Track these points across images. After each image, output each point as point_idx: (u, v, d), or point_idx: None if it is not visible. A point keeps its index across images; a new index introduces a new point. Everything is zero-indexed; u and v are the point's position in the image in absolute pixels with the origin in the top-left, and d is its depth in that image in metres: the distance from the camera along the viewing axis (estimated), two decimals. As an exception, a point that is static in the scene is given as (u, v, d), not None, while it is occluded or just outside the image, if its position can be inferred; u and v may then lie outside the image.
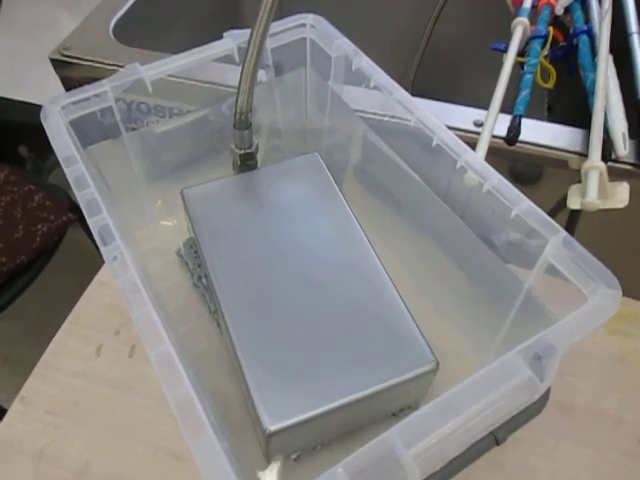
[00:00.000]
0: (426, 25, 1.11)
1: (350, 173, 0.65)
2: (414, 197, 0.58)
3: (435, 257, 0.58)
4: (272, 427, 0.42)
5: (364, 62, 0.55)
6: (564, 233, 0.41)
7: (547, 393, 0.42)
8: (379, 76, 0.53)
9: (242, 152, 0.57)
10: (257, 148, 0.58)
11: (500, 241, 0.47)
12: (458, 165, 0.47)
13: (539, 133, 0.69)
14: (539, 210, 0.42)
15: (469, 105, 0.73)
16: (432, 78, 1.15)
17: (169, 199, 0.57)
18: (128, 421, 0.58)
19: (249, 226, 0.53)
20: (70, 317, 0.66)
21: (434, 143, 0.49)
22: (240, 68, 0.52)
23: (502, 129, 0.68)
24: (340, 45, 0.57)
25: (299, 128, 0.66)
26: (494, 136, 0.67)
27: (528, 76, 0.73)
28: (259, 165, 0.59)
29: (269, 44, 0.58)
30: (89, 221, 0.44)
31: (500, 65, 0.73)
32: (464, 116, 0.71)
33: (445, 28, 1.12)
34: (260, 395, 0.43)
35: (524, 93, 0.71)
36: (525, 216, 0.42)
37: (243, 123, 0.56)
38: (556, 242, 0.40)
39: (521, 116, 0.68)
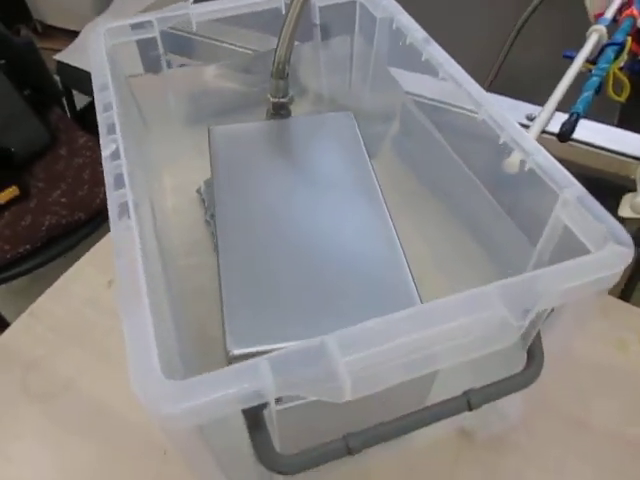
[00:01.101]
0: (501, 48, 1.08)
1: (387, 144, 0.63)
2: (449, 174, 0.55)
3: (459, 236, 0.55)
4: (235, 350, 0.40)
5: (434, 50, 0.51)
6: (579, 188, 0.37)
7: (538, 367, 0.37)
8: (447, 65, 0.50)
9: (276, 100, 0.57)
10: (292, 99, 0.58)
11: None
12: (501, 141, 0.43)
13: (597, 135, 0.64)
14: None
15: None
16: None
17: (202, 141, 0.58)
18: (121, 350, 0.58)
19: (266, 169, 0.53)
20: (93, 249, 0.68)
21: (480, 118, 0.46)
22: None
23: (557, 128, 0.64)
24: (386, 7, 0.56)
25: (342, 95, 0.65)
26: (545, 131, 0.63)
27: (595, 79, 0.68)
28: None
29: (318, 1, 0.58)
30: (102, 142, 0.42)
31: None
32: (517, 110, 0.67)
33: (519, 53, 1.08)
34: (231, 317, 0.41)
35: (587, 94, 0.66)
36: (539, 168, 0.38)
37: (280, 72, 0.56)
38: (570, 196, 0.36)
39: (579, 114, 0.64)
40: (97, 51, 0.51)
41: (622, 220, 0.62)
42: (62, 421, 0.54)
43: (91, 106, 1.45)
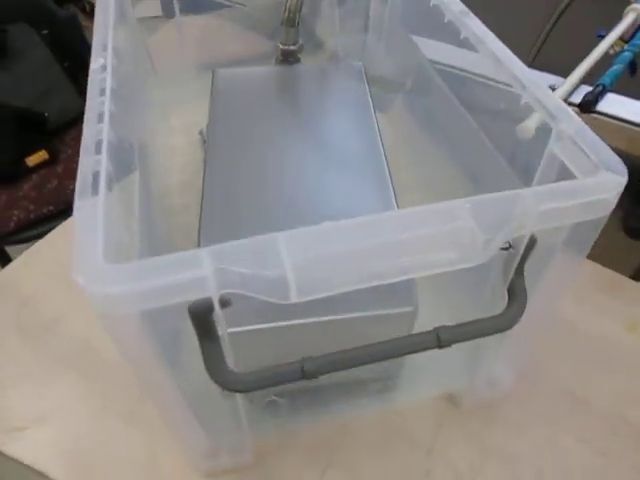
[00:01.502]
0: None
1: (399, 101, 0.62)
2: (458, 131, 0.53)
3: (461, 186, 0.52)
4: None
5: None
6: (576, 120, 0.34)
7: (519, 308, 0.34)
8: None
9: (285, 48, 0.56)
10: (301, 48, 0.57)
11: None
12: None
13: (625, 108, 0.60)
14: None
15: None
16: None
17: (210, 86, 0.58)
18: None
19: (265, 112, 0.52)
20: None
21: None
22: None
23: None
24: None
25: (356, 52, 0.64)
26: (566, 101, 0.60)
27: (626, 54, 0.65)
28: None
29: (334, -48, 0.57)
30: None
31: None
32: (541, 79, 0.64)
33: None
34: (206, 232, 0.41)
35: (616, 67, 0.63)
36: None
37: (290, 20, 0.55)
38: (565, 128, 0.34)
39: (604, 87, 0.60)
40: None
41: None
42: (48, 355, 0.54)
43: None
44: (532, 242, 0.32)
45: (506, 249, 0.32)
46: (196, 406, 0.41)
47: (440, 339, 0.33)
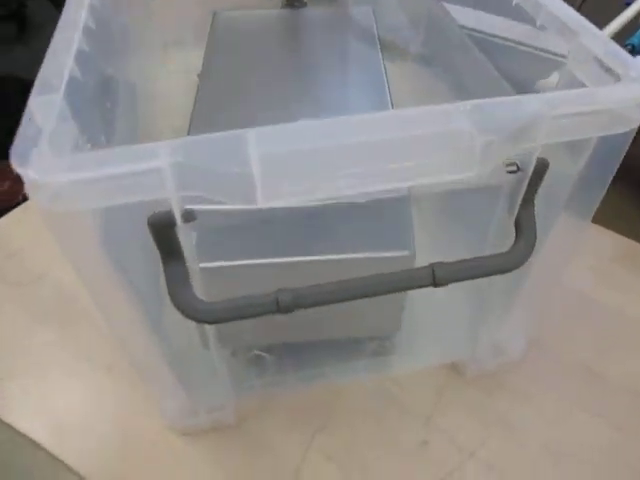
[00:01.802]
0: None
1: (413, 50, 0.58)
2: (476, 81, 0.49)
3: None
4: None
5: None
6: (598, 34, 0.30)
7: (527, 245, 0.30)
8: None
9: (290, -11, 0.53)
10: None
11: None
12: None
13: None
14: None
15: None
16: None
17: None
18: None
19: (264, 54, 0.49)
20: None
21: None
22: None
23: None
24: None
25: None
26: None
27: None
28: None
29: None
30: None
31: None
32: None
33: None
34: None
35: (647, 27, 0.58)
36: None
37: (297, -38, 0.52)
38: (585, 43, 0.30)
39: (634, 47, 0.56)
40: None
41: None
42: (29, 308, 0.52)
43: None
44: (543, 166, 0.28)
45: (514, 172, 0.28)
46: (172, 355, 0.38)
47: (435, 276, 0.29)
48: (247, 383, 0.43)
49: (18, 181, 0.23)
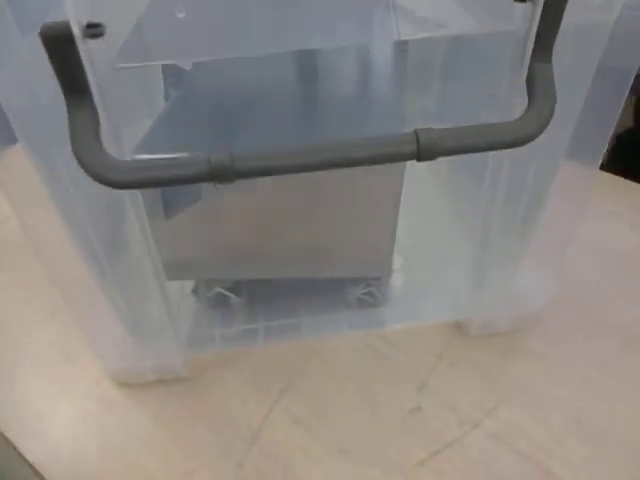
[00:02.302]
0: None
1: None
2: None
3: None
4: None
5: None
6: None
7: (541, 110, 0.23)
8: None
9: None
10: None
11: None
12: None
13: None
14: None
15: None
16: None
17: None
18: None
19: None
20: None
21: None
22: None
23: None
24: None
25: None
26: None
27: None
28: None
29: None
30: None
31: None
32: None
33: None
34: None
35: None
36: None
37: None
38: None
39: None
40: None
41: None
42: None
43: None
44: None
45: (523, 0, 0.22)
46: (112, 284, 0.31)
47: (420, 144, 0.22)
48: (206, 331, 0.36)
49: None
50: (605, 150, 0.30)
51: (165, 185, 0.23)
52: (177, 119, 0.34)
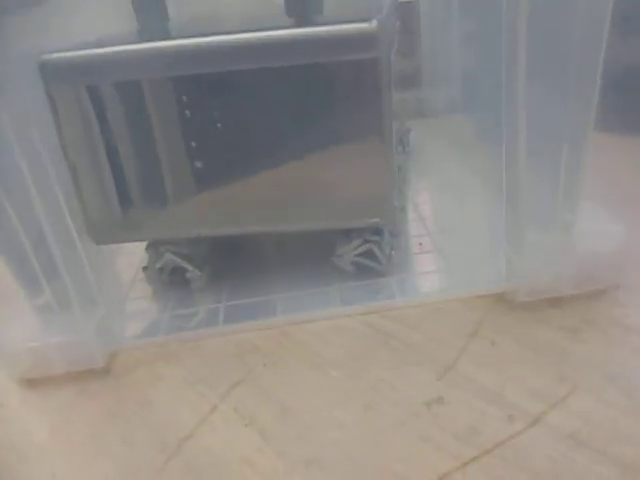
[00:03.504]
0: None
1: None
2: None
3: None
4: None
5: None
6: None
7: None
8: None
9: None
10: None
11: None
12: None
13: None
14: None
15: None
16: None
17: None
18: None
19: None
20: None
21: None
22: None
23: None
24: None
25: None
26: None
27: None
28: None
29: None
30: None
31: None
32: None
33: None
34: None
35: None
36: None
37: None
38: None
39: None
40: None
41: None
42: None
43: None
44: None
45: None
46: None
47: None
48: (150, 316, 0.26)
49: None
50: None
51: None
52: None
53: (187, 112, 0.24)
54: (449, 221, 0.32)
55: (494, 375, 0.22)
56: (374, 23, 0.23)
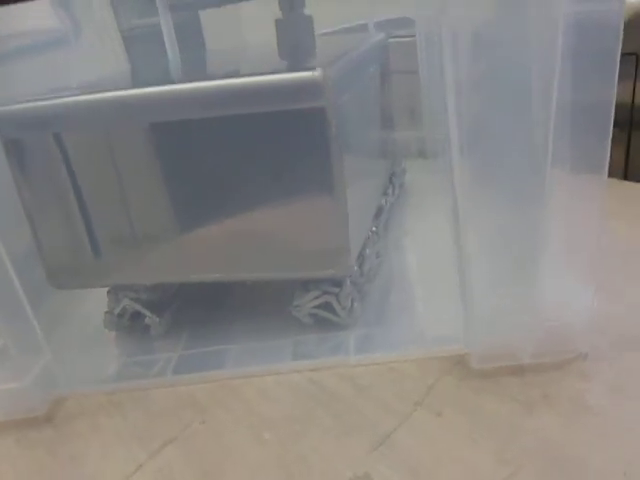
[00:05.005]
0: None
1: None
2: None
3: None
4: None
5: None
6: None
7: None
8: None
9: None
10: None
11: None
12: None
13: None
14: None
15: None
16: None
17: None
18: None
19: None
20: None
21: None
22: None
23: None
24: None
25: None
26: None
27: None
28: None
29: None
30: None
31: None
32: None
33: None
34: None
35: None
36: None
37: None
38: None
39: None
40: None
41: None
42: None
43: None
44: None
45: None
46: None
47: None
48: (101, 362, 0.26)
49: None
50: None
51: None
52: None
53: (137, 162, 0.24)
54: (423, 271, 0.31)
55: (430, 452, 0.20)
56: (318, 72, 0.22)
